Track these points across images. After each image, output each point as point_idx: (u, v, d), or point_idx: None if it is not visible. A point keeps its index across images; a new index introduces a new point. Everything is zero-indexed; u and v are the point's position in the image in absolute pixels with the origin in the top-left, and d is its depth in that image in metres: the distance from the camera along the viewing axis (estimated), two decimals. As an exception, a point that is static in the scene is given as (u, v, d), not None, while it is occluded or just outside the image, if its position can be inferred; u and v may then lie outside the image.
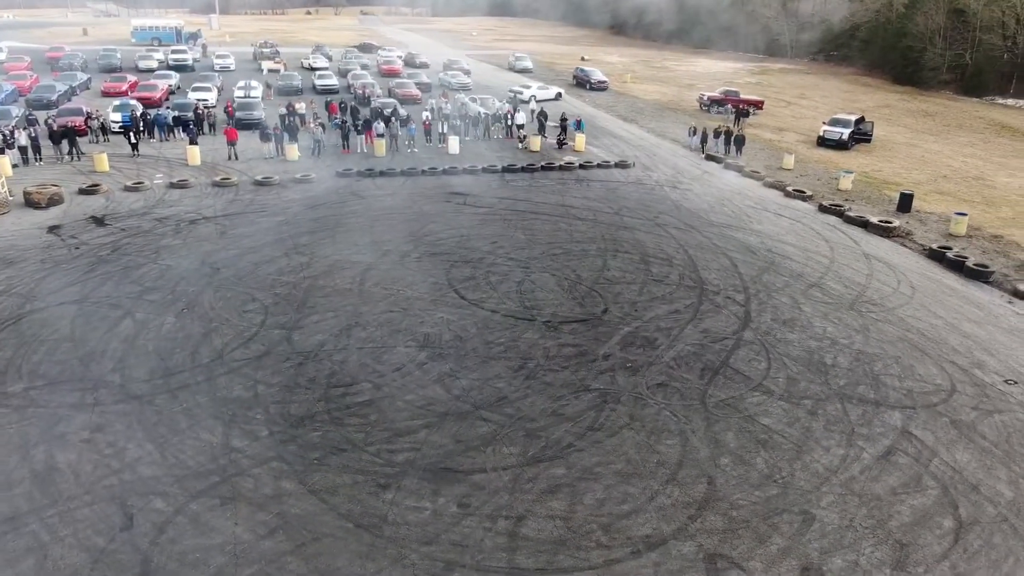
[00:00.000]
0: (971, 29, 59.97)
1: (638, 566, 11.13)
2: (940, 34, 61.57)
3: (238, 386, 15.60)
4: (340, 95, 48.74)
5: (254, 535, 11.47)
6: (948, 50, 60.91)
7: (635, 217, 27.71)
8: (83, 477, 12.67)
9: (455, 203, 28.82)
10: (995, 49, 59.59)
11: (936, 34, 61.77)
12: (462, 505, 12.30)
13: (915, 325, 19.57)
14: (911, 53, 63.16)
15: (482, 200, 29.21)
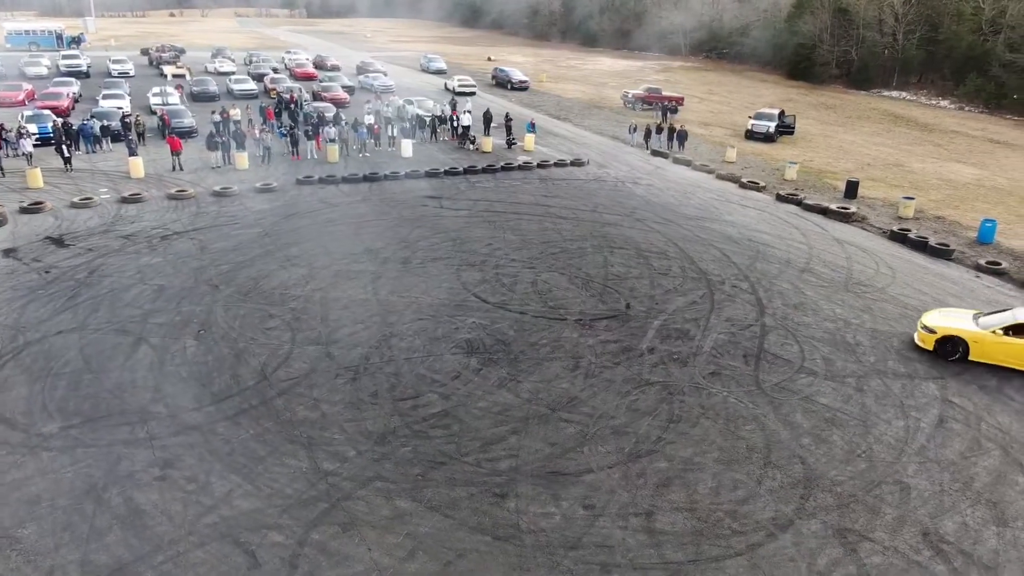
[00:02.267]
0: (855, 27, 64.68)
1: (779, 548, 11.49)
2: (827, 32, 66.02)
3: (300, 407, 14.85)
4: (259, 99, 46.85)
5: (394, 559, 11.01)
6: (836, 47, 65.42)
7: (613, 213, 28.25)
8: (177, 518, 11.73)
9: (432, 207, 28.42)
10: (877, 45, 64.56)
11: (824, 32, 66.20)
12: (587, 507, 12.27)
13: (909, 303, 21.05)
14: (802, 50, 67.40)
15: (457, 203, 28.95)
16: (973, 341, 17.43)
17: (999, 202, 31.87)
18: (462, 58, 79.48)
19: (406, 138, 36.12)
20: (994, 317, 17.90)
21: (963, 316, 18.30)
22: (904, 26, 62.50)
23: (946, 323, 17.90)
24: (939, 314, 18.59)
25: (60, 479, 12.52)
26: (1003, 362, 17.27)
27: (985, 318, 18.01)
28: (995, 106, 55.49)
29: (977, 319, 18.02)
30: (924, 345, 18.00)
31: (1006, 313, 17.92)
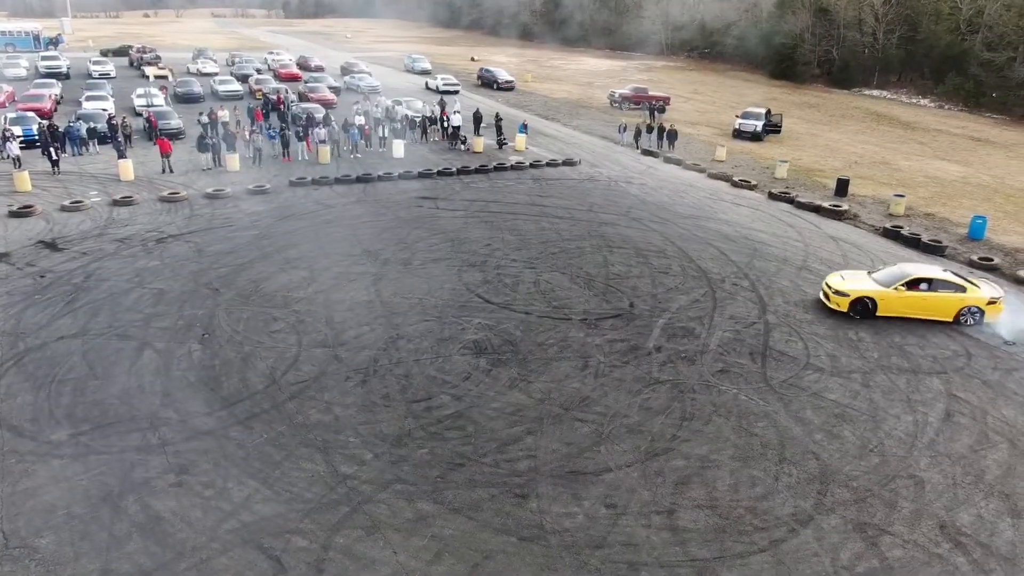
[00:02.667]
0: (836, 27, 65.40)
1: (801, 543, 11.59)
2: (809, 31, 66.70)
3: (312, 410, 14.74)
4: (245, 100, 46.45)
5: (420, 561, 10.97)
6: (817, 46, 66.12)
7: (608, 213, 28.34)
8: (197, 524, 11.60)
9: (427, 208, 28.33)
10: (857, 45, 65.34)
11: (805, 31, 66.88)
12: (609, 506, 12.30)
13: (907, 298, 21.26)
14: (784, 49, 68.02)
15: (453, 203, 28.89)
16: (880, 299, 19.47)
17: (985, 199, 32.37)
18: (445, 58, 79.27)
19: (397, 139, 35.91)
20: (886, 274, 20.02)
21: (861, 277, 20.21)
22: (884, 26, 63.32)
23: (856, 286, 19.67)
24: (840, 278, 20.22)
25: (74, 487, 12.33)
26: (904, 314, 19.53)
27: (881, 275, 20.02)
28: (974, 104, 56.37)
29: (874, 276, 20.03)
30: (838, 307, 19.61)
31: (894, 269, 20.27)
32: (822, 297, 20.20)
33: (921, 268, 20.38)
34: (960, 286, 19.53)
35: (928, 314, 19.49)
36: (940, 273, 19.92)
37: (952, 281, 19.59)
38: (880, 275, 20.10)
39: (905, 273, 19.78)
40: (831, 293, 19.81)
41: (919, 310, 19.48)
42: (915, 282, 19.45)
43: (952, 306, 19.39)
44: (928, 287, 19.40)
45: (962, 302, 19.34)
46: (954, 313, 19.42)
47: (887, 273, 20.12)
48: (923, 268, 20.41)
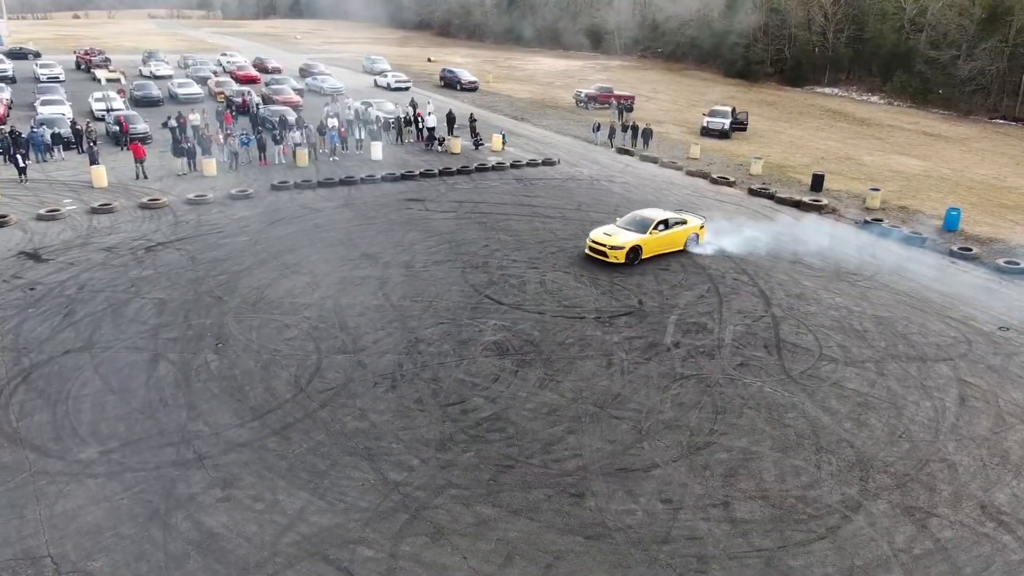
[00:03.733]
0: (787, 26, 67.17)
1: (856, 529, 11.91)
2: (761, 31, 68.36)
3: (347, 418, 14.51)
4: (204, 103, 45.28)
5: (492, 565, 10.91)
6: (770, 46, 67.81)
7: (597, 212, 28.55)
8: (255, 539, 11.30)
9: (417, 209, 28.12)
10: (808, 44, 67.26)
11: (758, 31, 68.52)
12: (665, 501, 12.43)
13: (899, 288, 22.08)
14: (738, 49, 69.55)
15: (441, 205, 28.73)
16: (643, 244, 22.66)
17: (950, 192, 33.68)
18: (401, 59, 78.54)
19: (375, 141, 35.51)
20: (634, 223, 23.22)
21: (618, 230, 22.97)
22: (833, 25, 65.27)
23: (625, 238, 22.53)
24: (605, 234, 22.80)
25: (117, 506, 11.88)
26: (657, 252, 23.13)
27: (631, 225, 23.21)
28: (921, 101, 58.58)
29: (626, 228, 23.06)
30: (617, 259, 22.27)
31: (634, 218, 23.53)
32: (588, 252, 22.77)
33: (654, 212, 23.95)
34: (682, 220, 23.93)
35: (671, 247, 23.45)
36: (669, 213, 24.12)
37: (678, 218, 23.95)
38: (630, 225, 23.14)
39: (650, 218, 23.17)
40: (607, 249, 22.29)
41: (666, 246, 23.30)
42: (659, 224, 22.99)
43: (683, 237, 23.68)
44: (665, 227, 23.15)
45: (687, 232, 23.75)
46: (684, 242, 23.73)
47: (632, 222, 23.24)
48: (655, 212, 23.99)
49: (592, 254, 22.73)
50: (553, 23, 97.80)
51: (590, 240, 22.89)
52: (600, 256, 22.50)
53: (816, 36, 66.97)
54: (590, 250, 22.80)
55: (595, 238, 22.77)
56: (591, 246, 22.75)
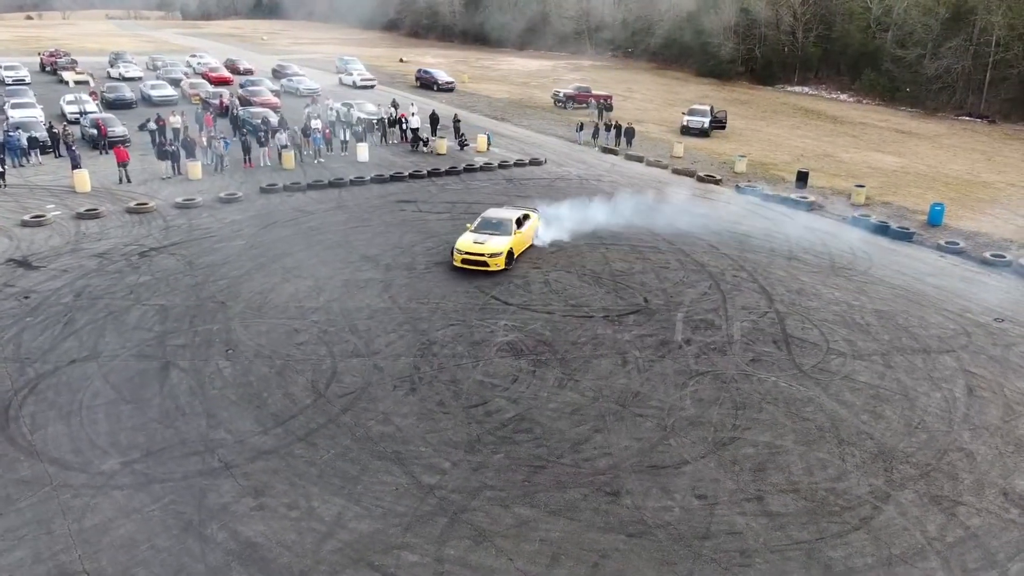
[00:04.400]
0: (757, 26, 68.14)
1: (889, 519, 12.14)
2: (732, 30, 69.25)
3: (371, 422, 14.38)
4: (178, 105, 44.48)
5: (539, 566, 10.90)
6: (741, 45, 68.71)
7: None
8: (296, 547, 11.14)
9: (410, 211, 27.97)
10: (778, 43, 68.31)
11: (728, 30, 69.40)
12: (699, 496, 12.53)
13: (895, 283, 22.53)
14: (709, 48, 70.35)
15: (434, 206, 28.60)
16: (514, 246, 22.35)
17: (928, 187, 34.47)
18: (373, 60, 77.85)
19: (361, 142, 35.21)
20: (493, 225, 22.52)
21: (485, 236, 21.98)
22: (802, 25, 66.36)
23: (498, 243, 21.75)
24: (473, 242, 21.70)
25: (148, 518, 11.62)
26: (521, 250, 22.97)
27: (495, 228, 22.41)
28: (890, 99, 59.83)
29: (492, 233, 22.20)
30: (497, 266, 21.49)
31: (489, 220, 22.79)
32: (460, 264, 21.52)
33: (506, 211, 23.63)
34: (529, 214, 24.17)
35: (529, 242, 23.50)
36: (520, 210, 24.17)
37: (528, 213, 24.19)
38: (493, 229, 22.28)
39: (508, 218, 22.80)
40: (486, 258, 21.33)
41: (527, 240, 23.38)
42: (519, 222, 22.96)
43: (533, 230, 23.94)
44: (520, 225, 23.00)
45: (534, 226, 24.04)
46: (534, 236, 23.88)
47: (492, 225, 22.43)
48: (507, 211, 23.69)
49: (466, 265, 21.45)
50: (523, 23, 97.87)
51: (461, 251, 21.56)
52: (478, 266, 21.40)
53: (785, 36, 68.01)
54: (463, 262, 21.49)
55: (467, 248, 21.52)
56: (465, 257, 21.48)
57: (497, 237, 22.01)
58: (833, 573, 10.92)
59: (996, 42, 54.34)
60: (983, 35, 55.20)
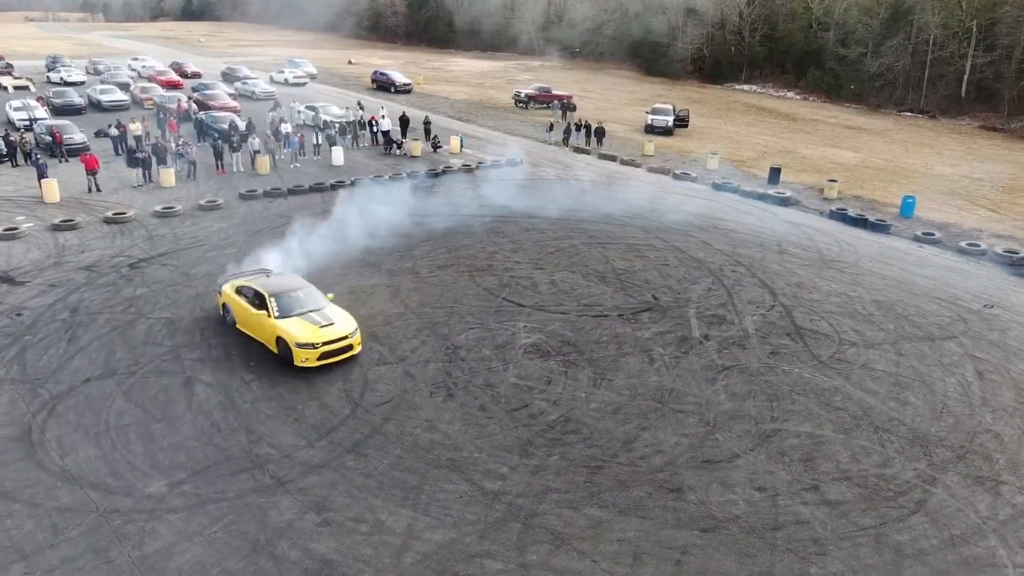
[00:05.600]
0: (705, 26, 69.65)
1: (941, 501, 12.58)
2: (680, 31, 70.61)
3: (416, 430, 14.16)
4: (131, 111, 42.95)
5: (624, 566, 10.92)
6: (690, 45, 70.12)
7: (579, 210, 28.79)
8: (375, 562, 10.90)
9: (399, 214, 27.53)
10: (726, 43, 69.97)
11: (677, 30, 70.74)
12: (759, 489, 12.75)
13: (885, 273, 23.34)
14: (658, 48, 71.57)
15: (421, 208, 28.27)
16: None
17: (890, 181, 35.82)
18: (320, 62, 76.54)
19: (334, 146, 34.59)
20: (292, 300, 16.95)
21: (312, 319, 16.36)
22: (748, 25, 68.13)
23: (340, 316, 16.81)
24: (320, 328, 16.21)
25: (212, 540, 11.18)
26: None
27: (288, 306, 16.70)
28: (835, 96, 61.95)
29: (309, 311, 16.69)
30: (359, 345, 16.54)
31: (291, 296, 17.04)
32: (315, 363, 15.86)
33: (290, 279, 18.17)
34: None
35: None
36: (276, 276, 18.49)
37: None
38: (302, 304, 16.88)
39: (305, 283, 17.88)
40: (351, 339, 16.34)
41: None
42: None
43: None
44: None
45: None
46: None
47: (295, 302, 16.89)
48: (289, 279, 18.18)
49: (328, 361, 15.98)
50: (469, 24, 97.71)
51: (316, 346, 15.76)
52: (342, 356, 16.21)
53: (732, 35, 69.67)
54: (324, 357, 15.89)
55: (324, 338, 15.87)
56: (327, 350, 15.91)
57: (325, 311, 16.78)
58: (905, 556, 11.25)
59: (932, 41, 56.84)
60: (920, 34, 57.67)
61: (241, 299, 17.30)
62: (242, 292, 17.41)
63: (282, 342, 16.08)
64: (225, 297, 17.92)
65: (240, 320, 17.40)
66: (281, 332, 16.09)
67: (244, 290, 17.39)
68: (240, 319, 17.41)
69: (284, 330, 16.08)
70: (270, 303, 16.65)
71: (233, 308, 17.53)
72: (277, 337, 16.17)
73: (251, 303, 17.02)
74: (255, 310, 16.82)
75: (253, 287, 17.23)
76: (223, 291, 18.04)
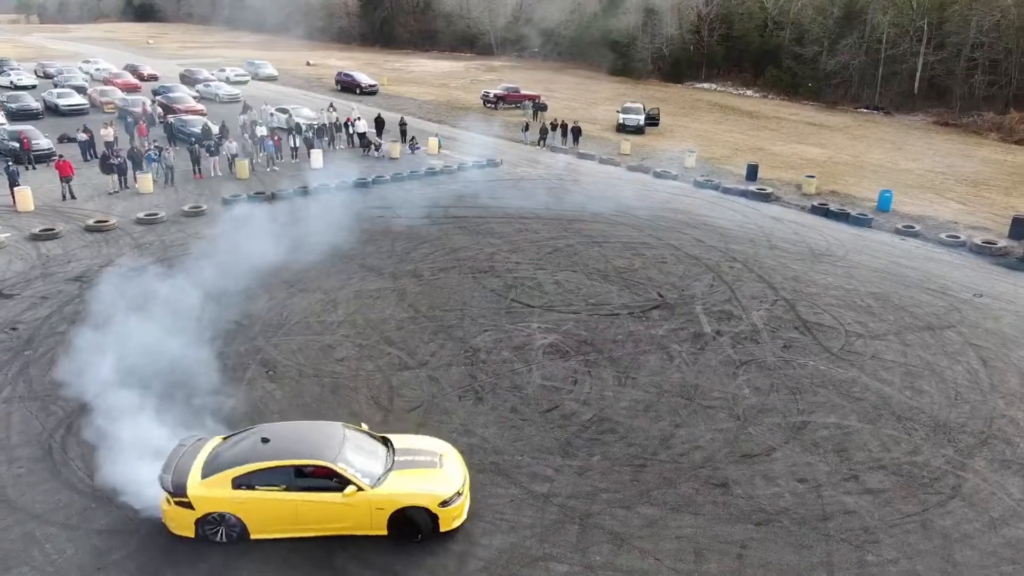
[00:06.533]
0: (665, 26, 70.58)
1: (975, 486, 12.98)
2: (640, 30, 71.43)
3: (453, 434, 14.02)
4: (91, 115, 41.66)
5: (687, 563, 11.00)
6: (650, 44, 70.98)
7: (567, 210, 28.92)
8: (439, 571, 10.74)
9: (388, 217, 27.32)
10: (683, 42, 71.03)
11: (637, 30, 71.54)
12: (801, 480, 12.97)
13: (876, 266, 23.98)
14: (619, 47, 72.26)
15: (411, 211, 28.05)
16: None
17: (861, 176, 36.81)
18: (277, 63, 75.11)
19: (313, 148, 34.02)
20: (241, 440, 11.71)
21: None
22: (707, 24, 69.28)
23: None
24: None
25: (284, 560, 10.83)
26: None
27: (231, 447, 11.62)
28: (793, 94, 63.38)
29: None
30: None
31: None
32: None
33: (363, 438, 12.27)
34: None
35: None
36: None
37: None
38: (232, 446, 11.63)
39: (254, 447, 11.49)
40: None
41: None
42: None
43: None
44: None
45: None
46: None
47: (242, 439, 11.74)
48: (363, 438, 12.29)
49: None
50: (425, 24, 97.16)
51: (444, 496, 11.22)
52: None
53: (690, 35, 70.71)
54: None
55: (450, 484, 11.42)
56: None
57: (404, 447, 12.18)
58: (952, 541, 11.57)
59: (885, 40, 58.63)
60: (874, 33, 59.43)
61: (264, 492, 10.91)
62: (263, 480, 10.92)
63: (411, 513, 11.02)
64: (209, 502, 10.85)
65: (266, 523, 11.06)
66: (403, 500, 11.01)
67: (268, 476, 10.92)
68: (267, 521, 11.05)
69: (409, 494, 11.06)
70: (353, 474, 11.01)
71: (242, 511, 10.93)
72: (394, 513, 11.02)
73: (298, 489, 10.97)
74: (316, 495, 10.99)
75: (296, 465, 10.99)
76: (195, 492, 10.84)
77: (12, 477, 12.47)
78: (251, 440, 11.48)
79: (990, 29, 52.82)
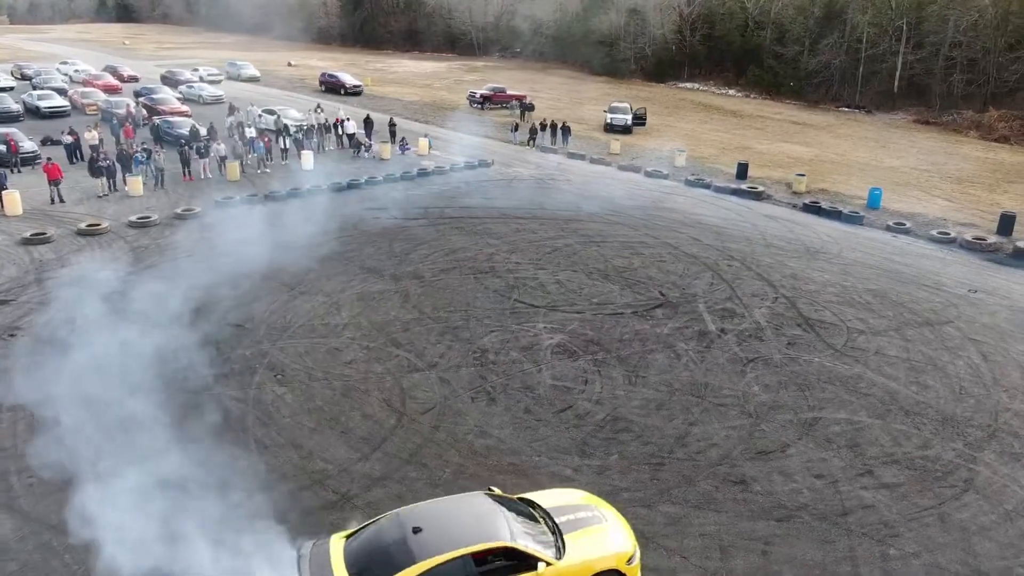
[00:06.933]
0: (648, 26, 70.94)
1: (987, 479, 13.18)
2: (623, 30, 71.73)
3: (468, 436, 14.00)
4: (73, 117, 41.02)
5: (713, 561, 11.05)
6: (633, 44, 71.32)
7: (562, 209, 28.95)
8: None
9: (385, 218, 27.19)
10: (668, 42, 71.43)
11: (620, 30, 71.83)
12: (818, 476, 13.09)
13: (871, 263, 24.26)
14: (602, 47, 72.50)
15: (407, 212, 27.95)
16: None
17: (848, 174, 37.23)
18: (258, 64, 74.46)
19: (303, 150, 33.75)
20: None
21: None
22: (689, 24, 69.73)
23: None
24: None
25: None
26: None
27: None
28: (775, 93, 63.96)
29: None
30: None
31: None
32: None
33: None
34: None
35: None
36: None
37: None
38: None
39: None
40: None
41: None
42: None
43: None
44: None
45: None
46: None
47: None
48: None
49: None
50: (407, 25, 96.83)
51: (629, 551, 10.35)
52: None
53: (672, 34, 71.12)
54: None
55: (625, 542, 10.46)
56: None
57: (557, 508, 10.95)
58: (971, 533, 11.73)
59: (865, 39, 59.34)
60: (854, 33, 60.14)
61: None
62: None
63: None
64: None
65: None
66: (597, 565, 10.05)
67: (443, 572, 9.31)
68: None
69: (601, 558, 10.10)
70: (536, 550, 9.82)
71: None
72: None
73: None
74: None
75: (474, 552, 9.52)
76: None
77: (23, 488, 12.23)
78: (396, 532, 9.75)
79: (968, 28, 53.62)
